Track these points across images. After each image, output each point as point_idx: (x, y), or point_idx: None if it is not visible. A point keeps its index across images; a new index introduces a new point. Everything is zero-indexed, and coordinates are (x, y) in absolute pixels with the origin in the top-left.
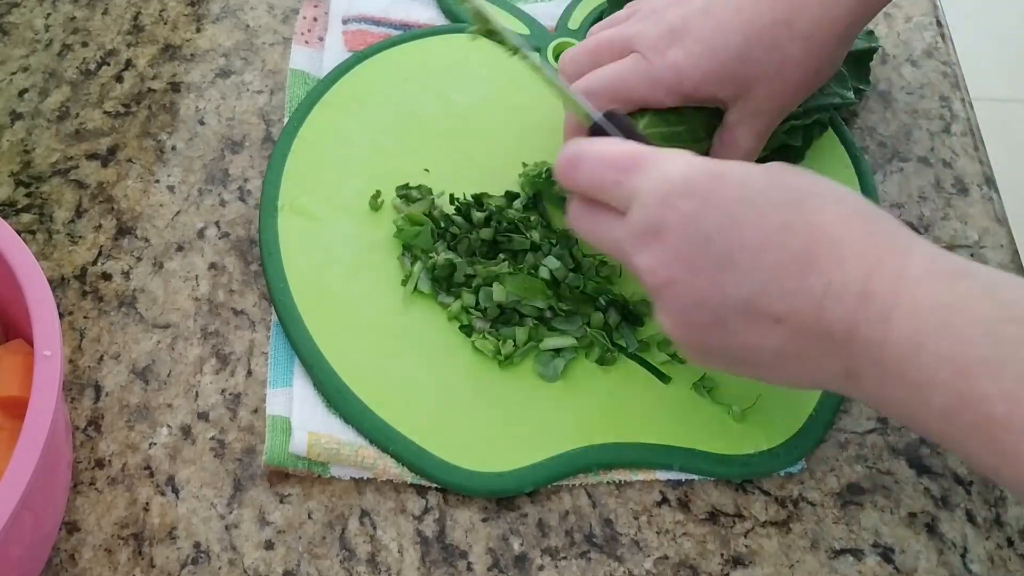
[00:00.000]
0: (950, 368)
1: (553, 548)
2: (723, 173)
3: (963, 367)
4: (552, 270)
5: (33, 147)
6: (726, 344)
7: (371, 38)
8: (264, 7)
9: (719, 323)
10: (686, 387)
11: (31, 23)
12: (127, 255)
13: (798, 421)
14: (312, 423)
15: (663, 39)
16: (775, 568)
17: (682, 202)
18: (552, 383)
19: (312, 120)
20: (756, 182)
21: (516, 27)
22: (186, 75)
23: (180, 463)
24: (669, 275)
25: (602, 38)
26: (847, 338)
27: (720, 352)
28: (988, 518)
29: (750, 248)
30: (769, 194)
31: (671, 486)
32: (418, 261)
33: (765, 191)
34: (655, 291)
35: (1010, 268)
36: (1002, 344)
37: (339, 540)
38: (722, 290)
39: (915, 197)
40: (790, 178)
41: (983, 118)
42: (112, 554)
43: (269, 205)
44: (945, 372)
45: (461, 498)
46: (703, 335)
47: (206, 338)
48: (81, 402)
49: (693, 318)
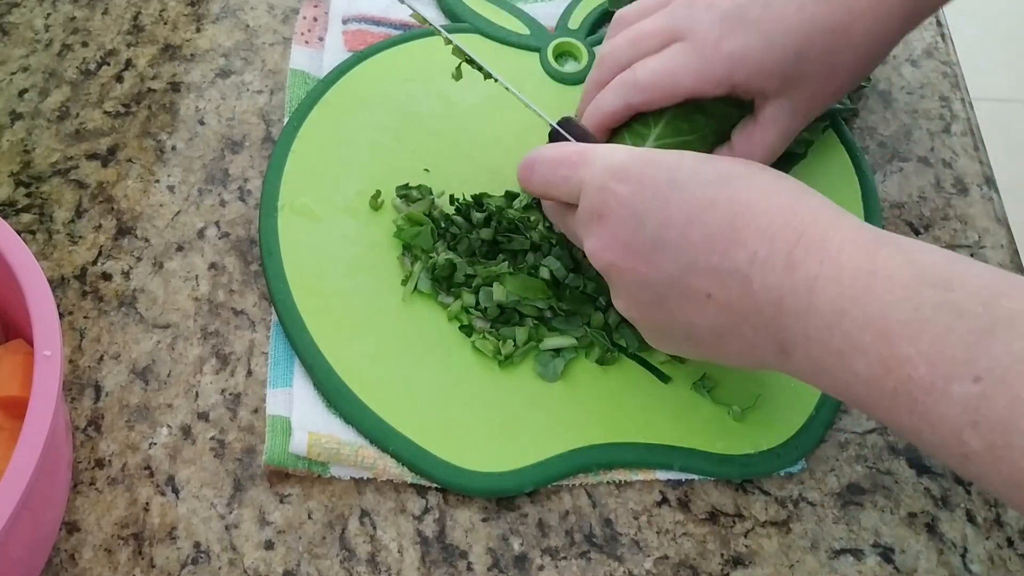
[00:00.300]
0: (871, 332)
1: (553, 548)
2: (655, 159)
3: (884, 330)
4: (552, 270)
5: (33, 147)
6: (670, 323)
7: (371, 38)
8: (264, 7)
9: (660, 302)
10: (686, 387)
11: (31, 23)
12: (127, 255)
13: (798, 421)
14: (312, 423)
15: (716, 27)
16: (775, 568)
17: (619, 186)
18: (552, 383)
19: (312, 120)
20: (686, 165)
21: (516, 27)
22: (186, 75)
23: (180, 463)
24: (612, 256)
25: (644, 28)
26: (775, 311)
27: (667, 331)
28: (988, 518)
29: (678, 226)
30: (697, 175)
31: (671, 486)
32: (418, 261)
33: (693, 172)
34: (604, 273)
35: (1010, 268)
36: (922, 308)
37: (339, 540)
38: (657, 269)
39: (915, 197)
40: (720, 162)
41: (983, 118)
42: (112, 554)
43: (269, 205)
44: (867, 336)
45: (461, 498)
46: (649, 314)
47: (206, 338)
48: (81, 402)
49: (638, 297)
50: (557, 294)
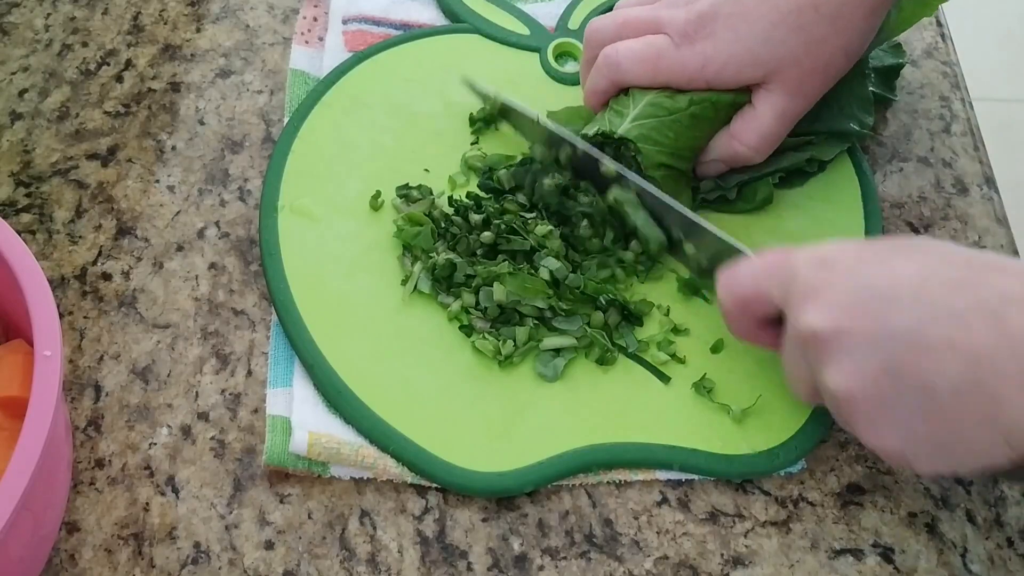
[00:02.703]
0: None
1: (553, 548)
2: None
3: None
4: (552, 270)
5: (33, 147)
6: (899, 393)
7: (371, 38)
8: (264, 7)
9: (890, 366)
10: (686, 387)
11: (31, 23)
12: (127, 255)
13: (798, 421)
14: (312, 423)
15: (692, 26)
16: (775, 568)
17: (838, 259)
18: (552, 383)
19: (312, 120)
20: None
21: (516, 27)
22: (186, 75)
23: (180, 463)
24: (836, 324)
25: (631, 15)
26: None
27: (895, 405)
28: (988, 518)
29: (910, 276)
30: (915, 241)
31: (671, 486)
32: (418, 261)
33: (909, 241)
34: (824, 346)
35: None
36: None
37: (339, 540)
38: (887, 325)
39: (915, 197)
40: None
41: (983, 118)
42: (112, 554)
43: (269, 205)
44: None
45: (461, 498)
46: (876, 386)
47: (206, 338)
48: (81, 402)
49: (863, 366)
50: (557, 294)
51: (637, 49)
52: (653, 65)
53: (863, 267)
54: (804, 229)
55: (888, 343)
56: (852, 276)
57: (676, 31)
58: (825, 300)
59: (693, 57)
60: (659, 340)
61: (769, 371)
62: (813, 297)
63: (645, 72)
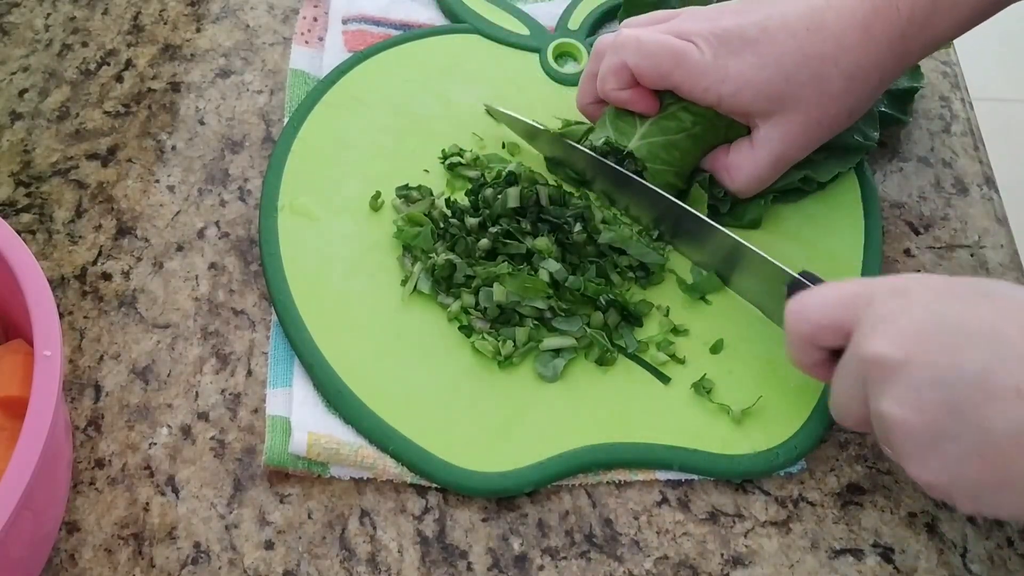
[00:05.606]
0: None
1: (553, 548)
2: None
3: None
4: (552, 272)
5: (33, 147)
6: (956, 430)
7: (371, 38)
8: (264, 7)
9: (952, 403)
10: (686, 387)
11: (31, 23)
12: (127, 255)
13: (798, 421)
14: (312, 423)
15: (719, 39)
16: (775, 568)
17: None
18: (552, 383)
19: (312, 120)
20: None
21: (516, 28)
22: (186, 75)
23: (180, 463)
24: (905, 353)
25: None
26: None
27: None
28: (988, 518)
29: (985, 318)
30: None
31: (671, 486)
32: (418, 261)
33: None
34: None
35: (1010, 268)
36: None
37: (339, 540)
38: (957, 362)
39: (915, 197)
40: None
41: (983, 118)
42: (112, 554)
43: (269, 205)
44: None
45: (461, 498)
46: (933, 419)
47: (206, 338)
48: (81, 402)
49: (925, 399)
50: (557, 294)
51: (663, 39)
52: (673, 58)
53: (940, 301)
54: (802, 227)
55: (955, 380)
56: (928, 309)
57: (702, 39)
58: (898, 328)
59: (716, 68)
60: (659, 340)
61: (768, 372)
62: (885, 324)
63: (663, 63)
